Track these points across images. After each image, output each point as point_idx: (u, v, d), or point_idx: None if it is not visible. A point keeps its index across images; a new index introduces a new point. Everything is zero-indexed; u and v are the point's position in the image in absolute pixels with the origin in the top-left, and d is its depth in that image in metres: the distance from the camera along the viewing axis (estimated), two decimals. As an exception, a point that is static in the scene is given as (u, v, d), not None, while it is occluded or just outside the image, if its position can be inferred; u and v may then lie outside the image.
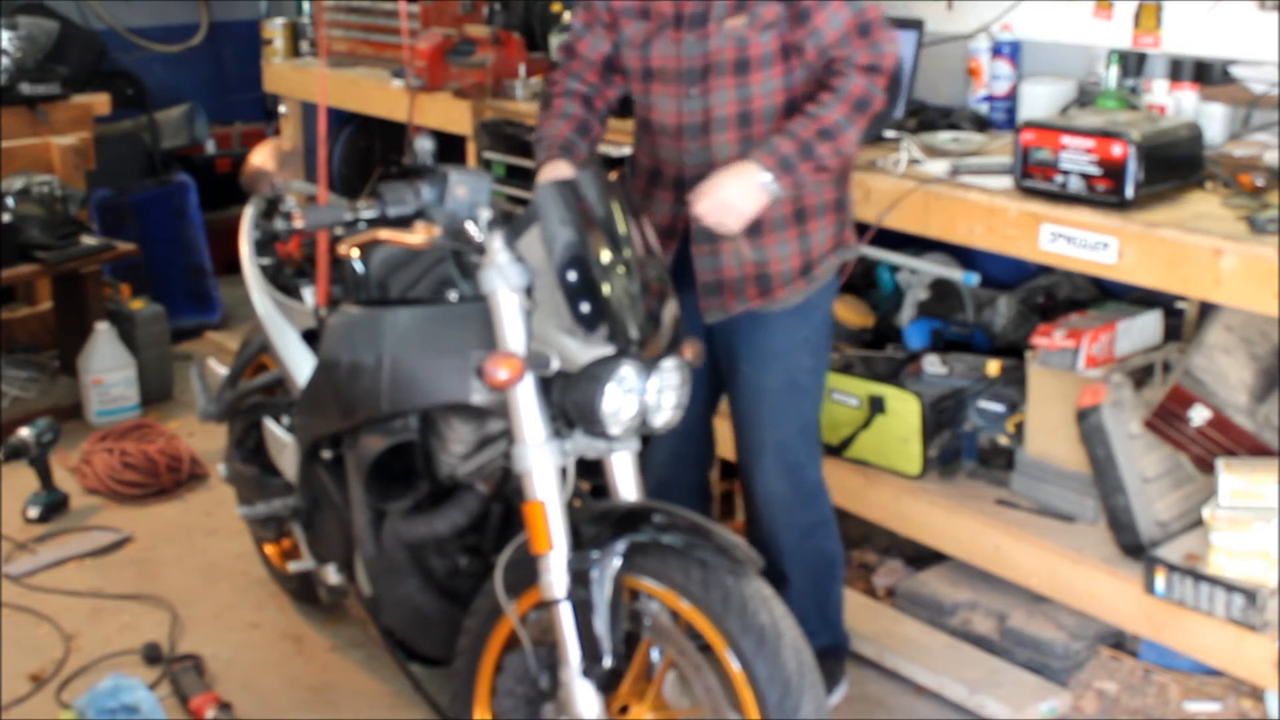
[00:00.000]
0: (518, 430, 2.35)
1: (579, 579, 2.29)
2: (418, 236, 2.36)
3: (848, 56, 2.66)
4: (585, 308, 2.31)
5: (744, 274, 2.82)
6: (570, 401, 2.33)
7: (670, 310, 2.48)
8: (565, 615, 2.31)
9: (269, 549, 3.58)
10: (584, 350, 2.32)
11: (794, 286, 2.82)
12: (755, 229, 2.76)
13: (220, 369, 3.55)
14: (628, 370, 2.31)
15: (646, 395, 2.35)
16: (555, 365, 2.33)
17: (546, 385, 2.36)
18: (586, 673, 2.30)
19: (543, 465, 2.33)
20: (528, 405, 2.33)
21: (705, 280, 2.84)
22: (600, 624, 2.29)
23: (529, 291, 2.35)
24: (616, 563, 2.30)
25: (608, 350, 2.32)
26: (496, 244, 2.34)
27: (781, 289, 2.82)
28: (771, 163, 2.61)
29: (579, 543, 2.33)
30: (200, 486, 4.25)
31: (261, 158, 2.38)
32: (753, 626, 2.20)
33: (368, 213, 2.35)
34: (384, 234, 2.39)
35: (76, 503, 4.12)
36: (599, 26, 2.87)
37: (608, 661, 2.30)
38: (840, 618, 3.10)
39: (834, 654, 3.06)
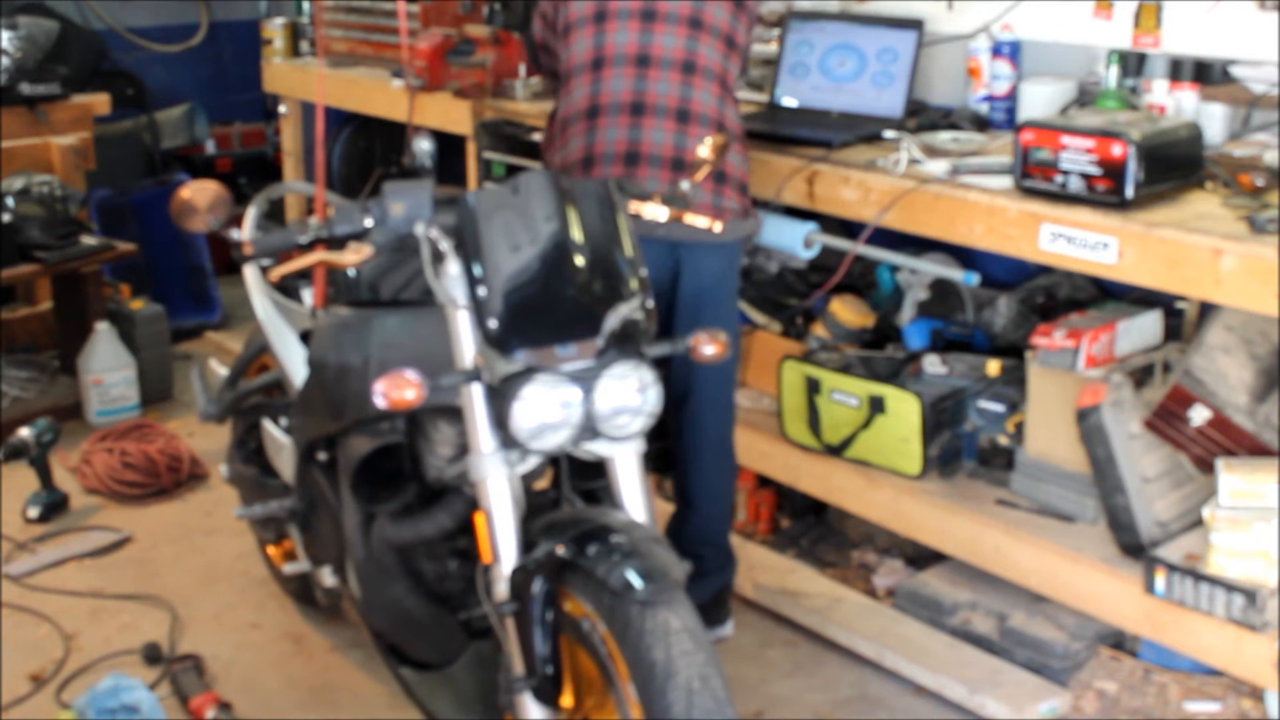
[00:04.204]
0: (470, 440, 2.33)
1: (518, 592, 2.28)
2: (350, 256, 2.31)
3: None
4: (492, 324, 2.25)
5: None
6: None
7: (625, 310, 2.30)
8: (507, 626, 2.31)
9: (271, 550, 3.58)
10: (502, 364, 2.25)
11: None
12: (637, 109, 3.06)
13: (221, 369, 3.55)
14: (535, 388, 2.22)
15: (596, 404, 2.26)
16: (485, 377, 2.28)
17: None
18: (526, 682, 2.30)
19: (489, 476, 2.31)
20: (479, 416, 2.30)
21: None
22: (535, 637, 2.28)
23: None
24: (541, 579, 2.27)
25: (516, 366, 2.24)
26: (446, 254, 2.30)
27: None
28: None
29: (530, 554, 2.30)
30: (200, 486, 4.25)
31: (192, 192, 2.39)
32: (644, 661, 2.12)
33: (316, 233, 2.32)
34: (316, 256, 2.34)
35: (76, 503, 4.12)
36: None
37: (546, 671, 2.29)
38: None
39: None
